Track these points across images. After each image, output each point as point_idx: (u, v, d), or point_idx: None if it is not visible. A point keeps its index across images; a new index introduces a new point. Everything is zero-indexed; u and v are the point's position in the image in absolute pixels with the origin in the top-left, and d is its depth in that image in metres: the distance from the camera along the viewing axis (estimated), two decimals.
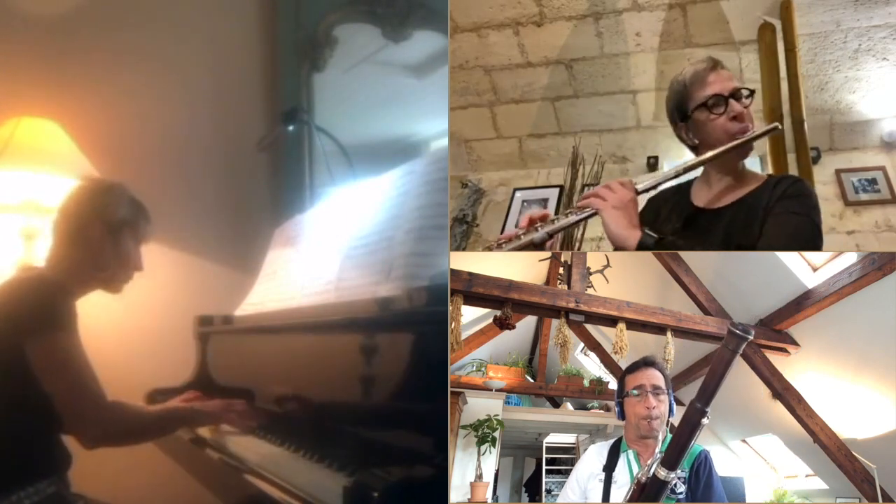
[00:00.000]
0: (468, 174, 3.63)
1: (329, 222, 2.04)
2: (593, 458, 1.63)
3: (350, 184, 2.53)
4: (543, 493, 4.87)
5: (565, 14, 3.01)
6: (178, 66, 2.81)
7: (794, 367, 2.90)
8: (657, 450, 1.49)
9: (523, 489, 5.44)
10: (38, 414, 1.60)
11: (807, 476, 3.35)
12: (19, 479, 1.59)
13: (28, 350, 1.58)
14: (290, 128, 2.74)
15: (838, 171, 3.02)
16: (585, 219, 1.49)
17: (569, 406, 5.16)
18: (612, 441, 1.64)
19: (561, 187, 3.20)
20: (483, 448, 3.87)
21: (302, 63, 2.94)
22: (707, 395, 1.31)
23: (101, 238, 1.79)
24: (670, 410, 1.59)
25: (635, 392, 1.58)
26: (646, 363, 1.64)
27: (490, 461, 3.93)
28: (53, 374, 1.58)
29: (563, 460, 5.31)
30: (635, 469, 1.52)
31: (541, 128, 3.43)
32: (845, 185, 2.97)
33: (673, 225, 1.59)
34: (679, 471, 1.35)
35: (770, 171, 2.69)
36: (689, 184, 1.65)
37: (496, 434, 3.92)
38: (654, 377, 1.60)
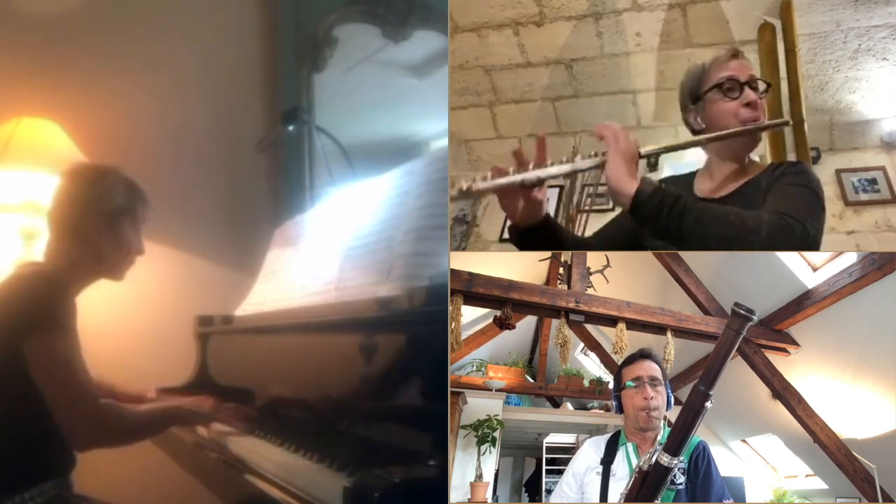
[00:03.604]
0: (468, 174, 3.63)
1: (329, 222, 2.04)
2: (590, 451, 1.62)
3: (350, 184, 2.53)
4: (543, 493, 4.87)
5: (565, 14, 3.00)
6: (179, 66, 2.81)
7: (794, 367, 2.90)
8: (657, 440, 1.50)
9: (523, 489, 5.44)
10: (42, 415, 1.58)
11: (807, 476, 3.35)
12: (22, 481, 1.58)
13: (26, 348, 1.55)
14: (290, 128, 2.74)
15: (838, 171, 3.02)
16: (583, 171, 1.39)
17: (569, 406, 5.16)
18: (609, 435, 1.63)
19: (561, 187, 3.19)
20: (483, 448, 3.87)
21: (302, 63, 2.93)
22: (710, 377, 1.30)
23: (97, 230, 1.75)
24: (668, 404, 1.58)
25: (632, 384, 1.57)
26: (642, 355, 1.63)
27: (490, 461, 3.93)
28: (49, 373, 1.55)
29: (563, 460, 5.30)
30: (634, 462, 1.50)
31: (541, 128, 3.43)
32: (845, 185, 2.97)
33: None
34: (680, 459, 1.34)
35: None
36: (691, 175, 1.62)
37: (496, 434, 3.92)
38: (651, 369, 1.59)
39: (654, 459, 1.35)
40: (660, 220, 1.29)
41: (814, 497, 3.21)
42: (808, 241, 1.29)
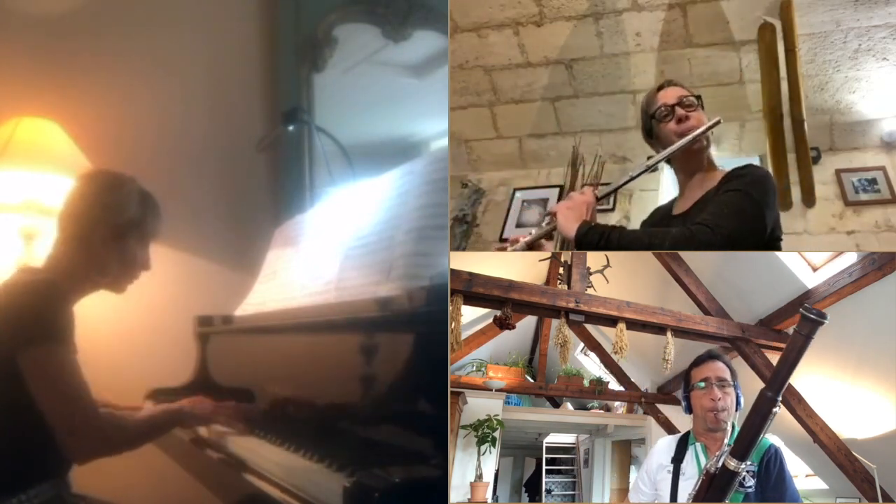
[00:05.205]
0: (468, 174, 3.63)
1: (329, 222, 2.04)
2: (662, 450, 1.64)
3: (350, 184, 2.53)
4: (543, 493, 4.88)
5: (565, 14, 3.00)
6: (178, 66, 2.81)
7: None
8: (725, 442, 1.50)
9: (523, 489, 5.46)
10: (38, 416, 1.55)
11: (807, 476, 3.35)
12: (20, 482, 1.57)
13: (20, 360, 1.52)
14: (290, 128, 2.74)
15: (838, 171, 3.02)
16: (550, 231, 1.67)
17: (569, 406, 5.17)
18: (681, 434, 1.64)
19: (561, 187, 3.19)
20: (483, 448, 3.87)
21: (302, 63, 2.93)
22: (778, 383, 1.30)
23: (104, 242, 1.72)
24: (738, 404, 1.59)
25: (701, 385, 1.58)
26: (710, 356, 1.64)
27: (490, 461, 3.94)
28: (45, 388, 1.52)
29: (563, 460, 5.32)
30: (703, 462, 1.51)
31: (541, 128, 3.43)
32: (845, 185, 2.97)
33: None
34: (748, 463, 1.35)
35: (770, 171, 2.69)
36: (674, 200, 1.77)
37: (496, 434, 3.92)
38: (720, 369, 1.60)
39: (720, 463, 1.35)
40: (596, 248, 1.54)
41: (814, 497, 3.20)
42: (713, 242, 1.44)
